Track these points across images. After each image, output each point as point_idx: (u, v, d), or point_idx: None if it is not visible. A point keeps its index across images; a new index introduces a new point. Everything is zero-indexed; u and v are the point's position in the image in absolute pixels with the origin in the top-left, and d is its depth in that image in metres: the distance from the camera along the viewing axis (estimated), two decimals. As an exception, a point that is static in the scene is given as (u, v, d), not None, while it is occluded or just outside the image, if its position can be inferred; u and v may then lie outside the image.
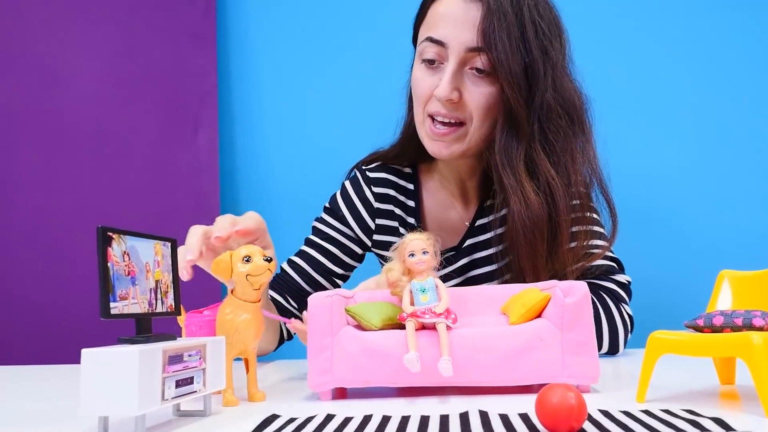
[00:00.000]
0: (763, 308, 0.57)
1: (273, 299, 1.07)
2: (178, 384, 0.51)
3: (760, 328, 0.53)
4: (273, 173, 1.63)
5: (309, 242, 1.15)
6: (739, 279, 0.60)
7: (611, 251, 1.02)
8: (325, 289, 1.09)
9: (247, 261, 0.62)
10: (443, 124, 0.95)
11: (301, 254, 1.14)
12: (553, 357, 0.61)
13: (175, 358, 0.51)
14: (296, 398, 0.65)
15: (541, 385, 0.63)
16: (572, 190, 0.93)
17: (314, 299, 0.65)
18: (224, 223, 0.76)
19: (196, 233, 0.73)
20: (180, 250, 0.69)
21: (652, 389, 0.58)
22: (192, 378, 0.53)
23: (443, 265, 1.08)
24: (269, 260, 0.62)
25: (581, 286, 0.63)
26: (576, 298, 0.62)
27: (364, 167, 1.16)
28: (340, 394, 0.66)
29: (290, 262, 1.14)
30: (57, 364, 1.09)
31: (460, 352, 0.61)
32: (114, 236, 0.51)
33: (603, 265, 0.99)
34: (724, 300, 0.60)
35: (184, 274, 0.68)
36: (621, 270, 1.03)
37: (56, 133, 1.52)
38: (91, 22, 1.55)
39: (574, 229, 0.94)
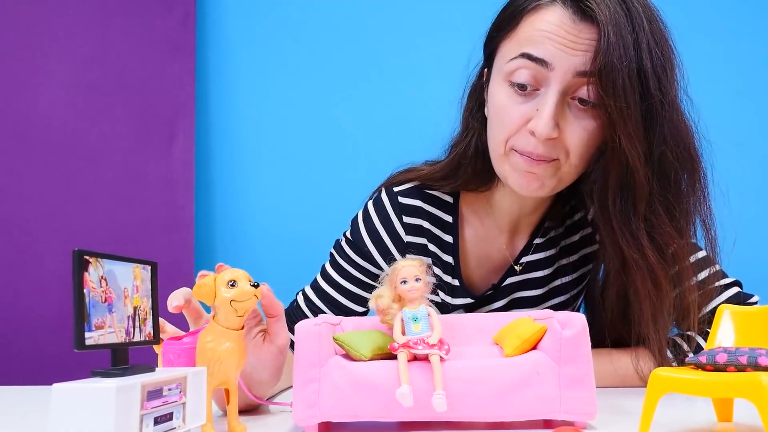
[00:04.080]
0: (767, 345, 0.56)
1: None
2: (157, 421, 0.48)
3: (766, 368, 0.51)
4: (250, 187, 1.59)
5: (325, 276, 1.01)
6: (740, 315, 0.59)
7: (726, 274, 0.92)
8: None
9: (232, 286, 0.58)
10: (532, 157, 0.82)
11: (316, 289, 1.01)
12: (550, 392, 0.59)
13: (153, 393, 0.47)
14: (279, 432, 0.62)
15: (537, 422, 0.61)
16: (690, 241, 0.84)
17: (301, 328, 0.62)
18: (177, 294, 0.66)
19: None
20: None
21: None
22: (171, 414, 0.50)
23: (481, 305, 0.99)
24: (256, 285, 0.59)
25: (579, 318, 0.61)
26: (574, 330, 0.60)
27: (395, 189, 0.99)
28: (326, 428, 0.62)
29: (304, 296, 1.02)
30: (15, 384, 1.03)
31: (454, 385, 0.58)
32: (91, 260, 0.47)
33: (730, 296, 0.90)
34: (724, 336, 0.58)
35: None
36: (742, 288, 0.93)
37: (23, 140, 1.46)
38: (63, 25, 1.50)
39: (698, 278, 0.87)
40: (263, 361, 0.69)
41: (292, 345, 0.94)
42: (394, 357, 0.60)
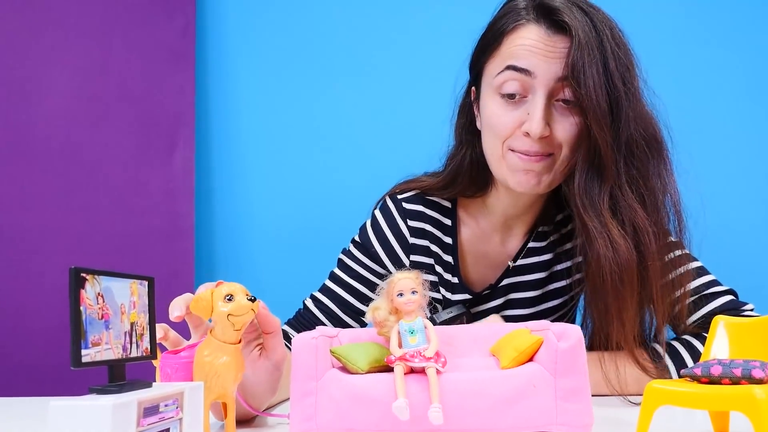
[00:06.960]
0: (761, 357, 0.56)
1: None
2: (153, 437, 0.48)
3: (760, 380, 0.51)
4: (250, 196, 1.59)
5: (334, 278, 1.08)
6: (735, 326, 0.59)
7: (719, 282, 0.97)
8: (350, 327, 1.04)
9: (229, 300, 0.59)
10: (529, 155, 0.91)
11: (325, 291, 1.07)
12: (546, 404, 0.59)
13: (150, 410, 0.48)
14: (277, 445, 0.62)
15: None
16: (663, 229, 0.89)
17: (298, 341, 0.62)
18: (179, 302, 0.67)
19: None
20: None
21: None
22: (168, 430, 0.50)
23: (479, 302, 1.04)
24: (253, 299, 0.59)
25: (575, 330, 0.61)
26: (570, 342, 0.60)
27: (399, 197, 1.08)
28: (323, 441, 0.62)
29: (313, 299, 1.07)
30: (15, 396, 1.03)
31: (450, 397, 0.58)
32: (88, 277, 0.47)
33: (725, 302, 0.94)
34: (719, 348, 0.59)
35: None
36: (738, 298, 0.96)
37: (23, 150, 1.46)
38: (63, 34, 1.50)
39: (675, 274, 0.91)
40: (258, 375, 0.69)
41: None
42: (391, 370, 0.60)
